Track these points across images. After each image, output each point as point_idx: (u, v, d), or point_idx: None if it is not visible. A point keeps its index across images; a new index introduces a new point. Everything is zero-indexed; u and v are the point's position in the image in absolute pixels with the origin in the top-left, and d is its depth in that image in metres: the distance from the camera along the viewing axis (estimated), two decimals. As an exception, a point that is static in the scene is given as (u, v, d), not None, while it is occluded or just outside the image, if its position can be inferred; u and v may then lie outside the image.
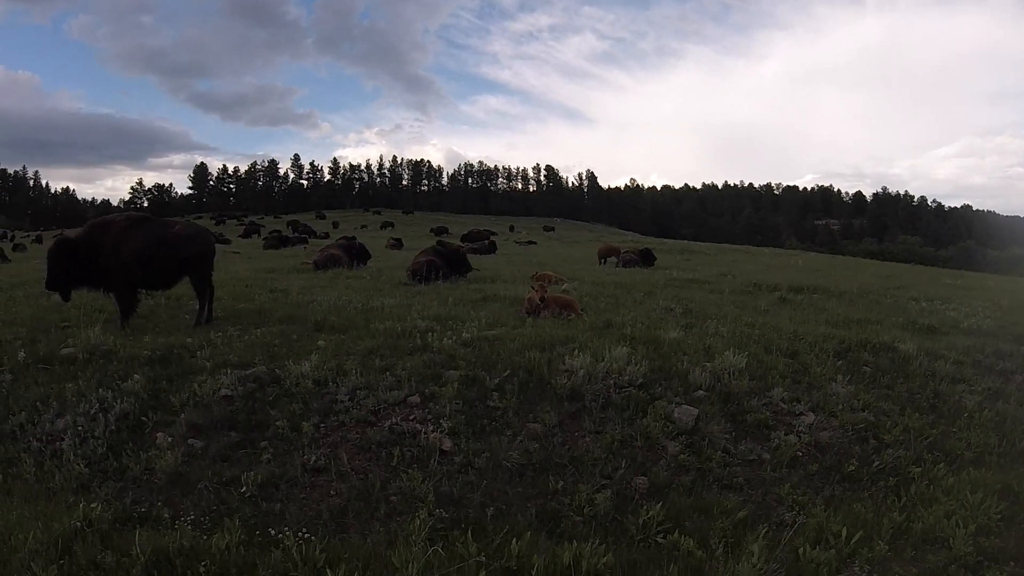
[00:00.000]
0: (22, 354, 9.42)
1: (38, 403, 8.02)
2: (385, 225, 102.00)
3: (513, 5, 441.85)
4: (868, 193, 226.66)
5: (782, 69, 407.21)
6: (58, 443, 7.34)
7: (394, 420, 7.56)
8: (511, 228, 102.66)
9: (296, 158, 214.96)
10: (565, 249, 58.74)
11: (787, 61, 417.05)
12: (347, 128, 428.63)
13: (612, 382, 8.58)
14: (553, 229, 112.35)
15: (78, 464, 6.94)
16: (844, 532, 6.18)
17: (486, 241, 46.44)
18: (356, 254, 25.91)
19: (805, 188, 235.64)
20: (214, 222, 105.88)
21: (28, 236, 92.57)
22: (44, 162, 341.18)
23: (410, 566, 5.20)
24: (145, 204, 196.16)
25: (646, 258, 33.32)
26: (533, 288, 13.48)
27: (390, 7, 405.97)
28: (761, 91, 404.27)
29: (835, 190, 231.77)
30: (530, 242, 67.15)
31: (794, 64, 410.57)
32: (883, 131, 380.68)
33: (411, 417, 7.64)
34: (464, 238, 57.76)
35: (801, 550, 5.93)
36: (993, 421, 9.27)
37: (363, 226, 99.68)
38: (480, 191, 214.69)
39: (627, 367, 8.83)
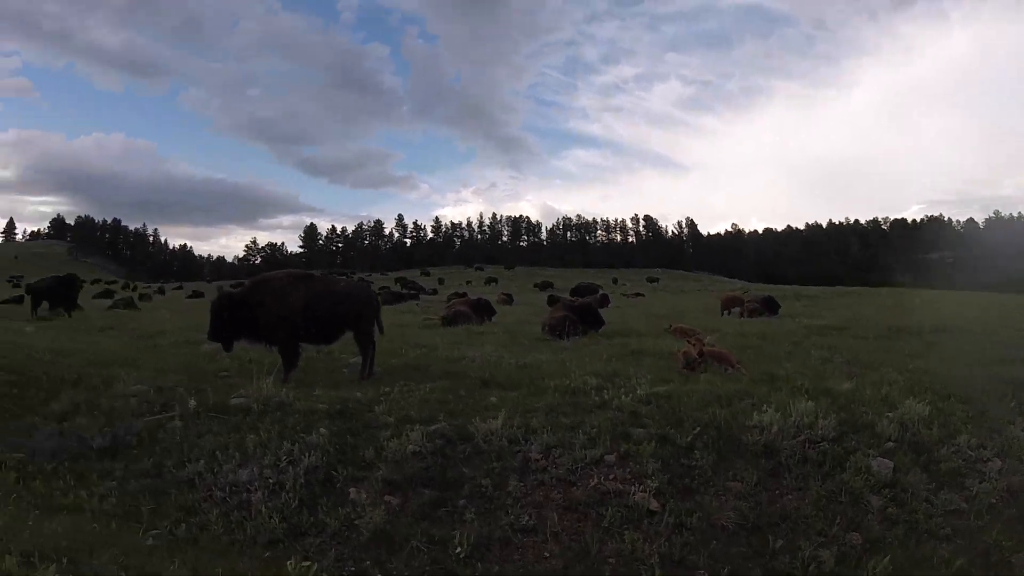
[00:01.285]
0: (193, 402, 9.52)
1: (217, 452, 7.99)
2: (489, 280, 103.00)
3: (597, 59, 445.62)
4: (980, 219, 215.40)
5: (873, 96, 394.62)
6: (244, 494, 7.29)
7: (597, 480, 7.40)
8: (615, 280, 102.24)
9: (400, 218, 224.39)
10: (675, 300, 58.08)
11: (878, 87, 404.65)
12: (444, 188, 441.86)
13: (804, 437, 8.35)
14: (657, 280, 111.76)
15: (272, 517, 6.85)
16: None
17: (598, 294, 46.26)
18: (482, 310, 26.27)
19: (913, 220, 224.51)
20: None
21: (150, 287, 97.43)
22: (162, 221, 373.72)
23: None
24: (259, 261, 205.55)
25: (770, 306, 32.49)
26: (689, 343, 13.26)
27: (480, 71, 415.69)
28: (855, 121, 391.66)
29: (945, 219, 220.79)
30: (637, 294, 66.59)
31: (885, 89, 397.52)
32: (985, 149, 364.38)
33: (611, 476, 7.49)
34: (573, 292, 57.57)
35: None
36: None
37: (468, 282, 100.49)
38: (579, 244, 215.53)
39: (817, 421, 8.60)
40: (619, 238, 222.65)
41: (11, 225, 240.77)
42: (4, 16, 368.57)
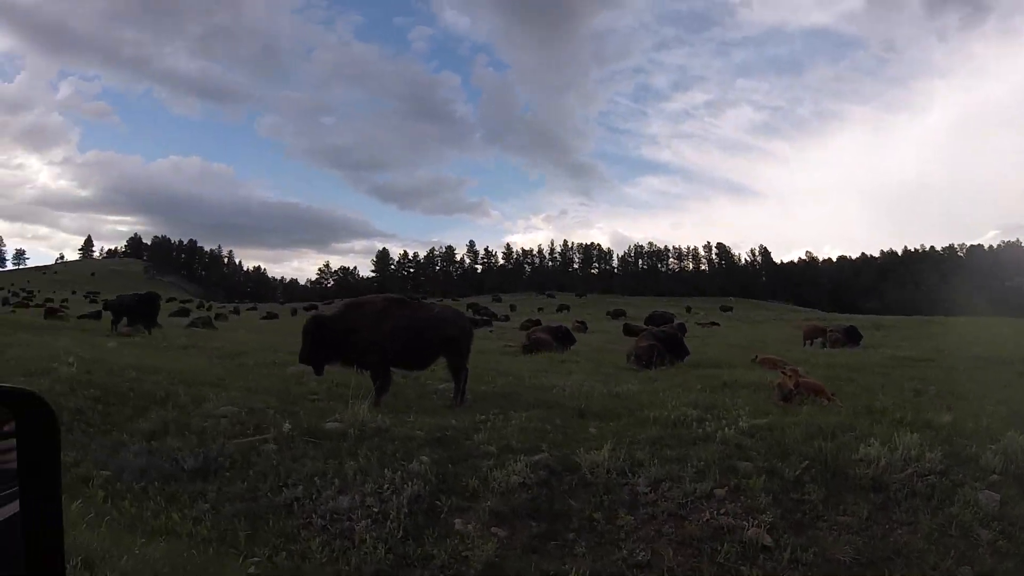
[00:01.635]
0: (287, 425, 9.51)
1: (315, 478, 7.82)
2: (561, 308, 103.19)
3: (667, 86, 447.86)
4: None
5: (947, 118, 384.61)
6: (346, 522, 7.04)
7: (709, 514, 7.25)
8: (688, 309, 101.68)
9: (471, 244, 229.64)
10: (751, 330, 57.60)
11: (950, 109, 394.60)
12: (515, 215, 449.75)
13: (912, 471, 8.15)
14: (731, 309, 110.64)
15: (378, 548, 6.52)
16: None
17: (675, 323, 45.87)
18: (562, 337, 26.26)
19: (990, 247, 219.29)
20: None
21: (224, 307, 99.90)
22: (237, 243, 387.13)
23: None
24: (331, 285, 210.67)
25: (852, 336, 32.24)
26: (784, 374, 13.07)
27: (550, 99, 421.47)
28: (928, 144, 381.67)
29: (1022, 244, 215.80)
30: (712, 323, 66.01)
31: (958, 111, 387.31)
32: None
33: (722, 511, 7.32)
34: (648, 320, 57.26)
35: None
36: None
37: (539, 309, 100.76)
38: (650, 272, 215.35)
39: (924, 454, 8.41)
40: (691, 266, 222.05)
41: (89, 243, 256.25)
42: (85, 41, 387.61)
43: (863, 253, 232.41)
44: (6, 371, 12.46)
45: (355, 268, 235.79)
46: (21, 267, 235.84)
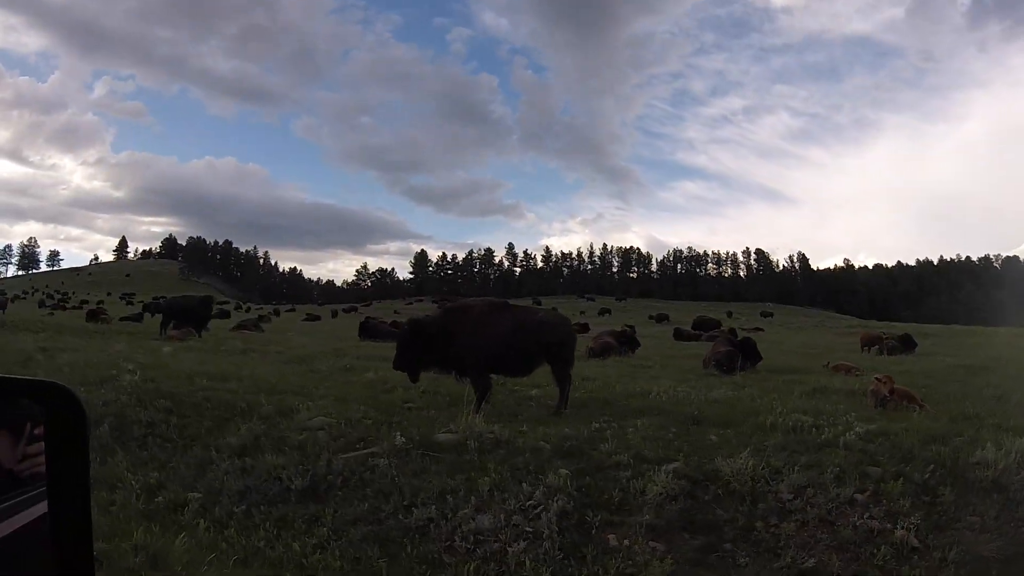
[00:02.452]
0: (401, 438, 8.92)
1: (447, 496, 7.35)
2: (603, 312, 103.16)
3: (705, 91, 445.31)
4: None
5: (985, 129, 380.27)
6: (494, 544, 6.63)
7: (856, 519, 7.34)
8: (729, 314, 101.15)
9: (511, 247, 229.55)
10: (795, 336, 57.30)
11: (989, 120, 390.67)
12: (551, 217, 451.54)
13: (1024, 473, 8.52)
14: (772, 315, 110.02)
15: (541, 570, 6.22)
16: None
17: (723, 328, 45.89)
18: (627, 342, 26.63)
19: None
20: (436, 305, 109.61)
21: (261, 308, 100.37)
22: (272, 244, 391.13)
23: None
24: (368, 286, 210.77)
25: (908, 344, 32.77)
26: (878, 380, 13.50)
27: (588, 103, 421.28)
28: (966, 154, 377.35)
29: None
30: (757, 329, 65.54)
31: (997, 122, 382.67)
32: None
33: (867, 515, 7.44)
34: (695, 325, 57.42)
35: None
36: None
37: (581, 312, 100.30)
38: (689, 277, 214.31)
39: None
40: (730, 271, 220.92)
41: (123, 244, 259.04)
42: (119, 41, 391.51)
43: (899, 261, 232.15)
44: (63, 379, 12.32)
45: (392, 269, 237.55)
46: (55, 269, 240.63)
